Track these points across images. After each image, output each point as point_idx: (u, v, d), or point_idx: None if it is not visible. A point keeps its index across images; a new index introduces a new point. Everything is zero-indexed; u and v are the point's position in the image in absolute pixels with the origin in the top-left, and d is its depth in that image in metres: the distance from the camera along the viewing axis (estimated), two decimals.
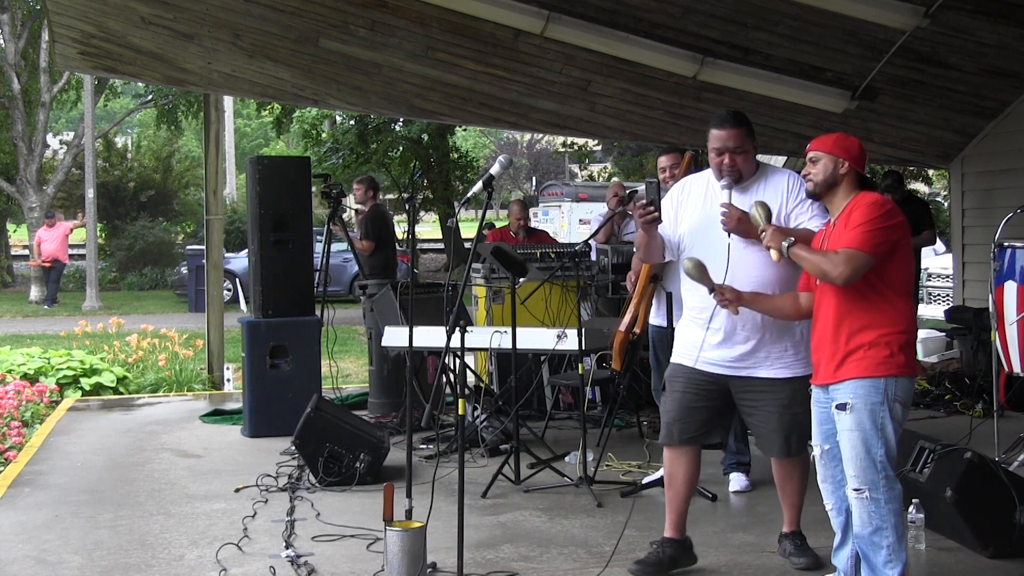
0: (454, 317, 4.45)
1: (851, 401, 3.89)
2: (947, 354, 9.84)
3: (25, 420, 8.07)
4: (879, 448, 3.86)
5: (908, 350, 3.91)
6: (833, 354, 3.95)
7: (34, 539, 5.20)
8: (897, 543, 3.88)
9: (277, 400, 7.45)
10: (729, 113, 4.53)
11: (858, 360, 3.89)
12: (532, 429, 7.20)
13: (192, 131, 33.84)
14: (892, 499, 3.87)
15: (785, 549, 4.66)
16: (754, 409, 4.45)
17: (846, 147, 4.04)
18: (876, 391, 3.86)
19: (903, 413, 3.92)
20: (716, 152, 4.43)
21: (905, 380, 3.90)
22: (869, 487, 3.87)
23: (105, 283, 24.17)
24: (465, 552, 4.37)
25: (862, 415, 3.87)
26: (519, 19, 7.38)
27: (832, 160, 4.02)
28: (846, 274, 3.82)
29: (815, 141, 4.12)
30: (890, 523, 3.87)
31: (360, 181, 9.46)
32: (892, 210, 3.93)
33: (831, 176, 4.02)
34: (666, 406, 4.56)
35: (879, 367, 3.86)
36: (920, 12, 7.14)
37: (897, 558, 3.87)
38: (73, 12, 7.64)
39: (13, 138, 23.21)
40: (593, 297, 8.24)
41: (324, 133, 24.37)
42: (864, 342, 3.88)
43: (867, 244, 3.82)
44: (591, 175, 38.97)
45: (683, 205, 4.56)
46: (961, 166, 9.64)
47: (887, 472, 3.87)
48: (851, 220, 3.90)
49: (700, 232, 4.44)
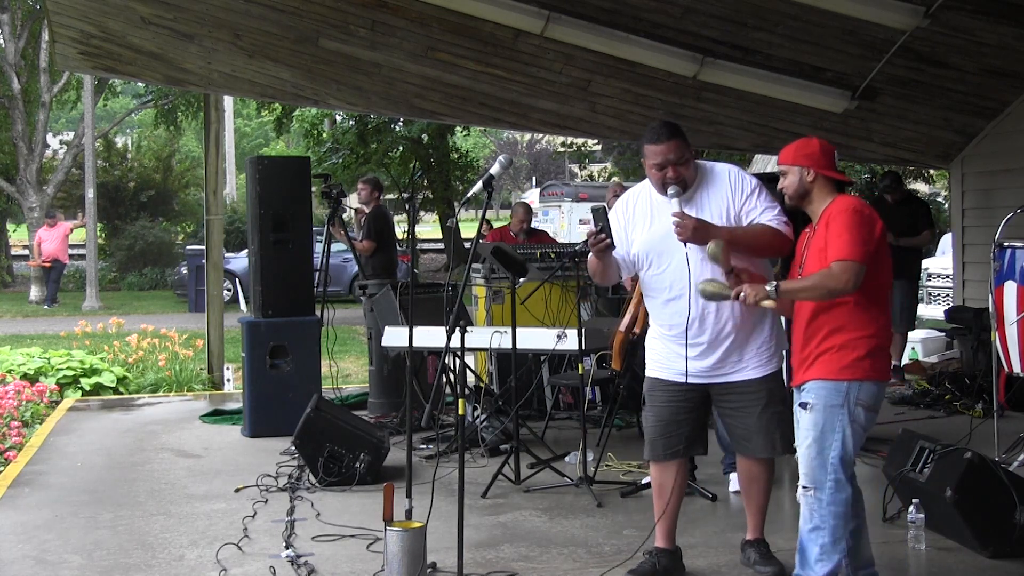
0: (454, 317, 4.45)
1: (812, 401, 3.93)
2: (947, 354, 9.85)
3: (25, 420, 8.07)
4: (832, 450, 3.89)
5: (878, 354, 3.92)
6: (804, 357, 4.00)
7: (34, 539, 5.20)
8: (832, 545, 3.91)
9: (277, 400, 7.45)
10: (662, 125, 4.35)
11: (824, 362, 3.93)
12: (532, 429, 7.20)
13: (192, 131, 33.83)
14: (836, 502, 3.90)
15: (749, 558, 4.59)
16: (735, 411, 4.42)
17: (807, 154, 4.03)
18: (837, 393, 3.89)
19: (866, 417, 3.93)
20: (657, 167, 4.29)
21: (870, 384, 3.91)
22: (816, 486, 3.92)
23: (105, 283, 24.16)
24: (465, 552, 4.36)
25: (820, 416, 3.90)
26: (519, 19, 7.38)
27: (798, 171, 4.02)
28: (851, 282, 3.82)
29: (781, 153, 4.10)
30: (828, 524, 3.91)
31: (365, 181, 9.48)
32: (869, 216, 3.92)
33: (801, 187, 4.02)
34: (648, 422, 4.53)
35: (843, 370, 3.89)
36: (920, 12, 7.15)
37: (828, 558, 3.91)
38: (73, 12, 7.64)
39: (13, 138, 23.21)
40: (593, 297, 8.24)
41: (324, 133, 24.37)
42: (833, 345, 3.91)
43: (857, 252, 3.83)
44: (591, 175, 38.99)
45: (631, 223, 4.44)
46: (961, 166, 9.64)
47: (837, 475, 3.89)
48: (832, 228, 3.89)
49: (656, 246, 4.34)
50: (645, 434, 4.56)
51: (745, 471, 4.58)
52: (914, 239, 9.21)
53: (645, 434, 4.56)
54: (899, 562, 4.71)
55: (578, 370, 6.39)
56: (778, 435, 4.38)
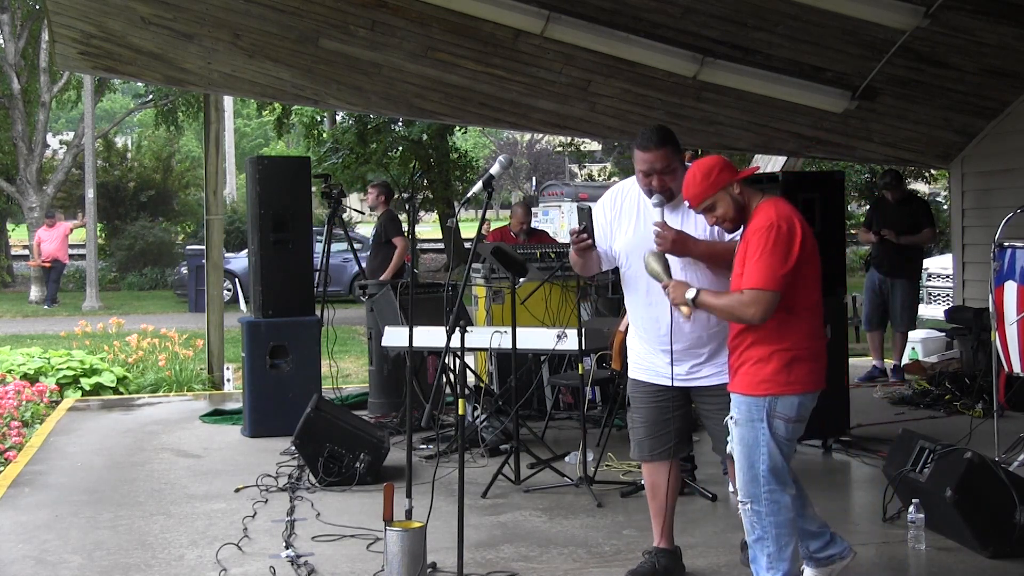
0: (454, 317, 4.45)
1: (736, 416, 3.98)
2: (947, 354, 9.84)
3: (25, 420, 8.07)
4: (761, 463, 3.92)
5: (796, 366, 3.89)
6: (731, 365, 4.03)
7: (34, 539, 5.20)
8: (777, 552, 3.94)
9: (277, 400, 7.45)
10: (654, 132, 4.31)
11: (743, 375, 3.96)
12: (532, 429, 7.20)
13: (192, 131, 33.82)
14: (773, 512, 3.93)
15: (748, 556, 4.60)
16: (715, 414, 4.39)
17: (719, 171, 3.95)
18: (757, 408, 3.91)
19: (788, 429, 3.92)
20: (644, 174, 4.28)
21: (788, 398, 3.90)
22: (751, 500, 3.95)
23: (105, 283, 24.16)
24: (465, 552, 4.37)
25: (744, 430, 3.95)
26: (519, 19, 7.38)
27: (725, 193, 3.95)
28: (759, 315, 3.82)
29: (690, 194, 3.99)
30: (771, 534, 3.94)
31: (375, 186, 9.64)
32: (788, 232, 3.83)
33: (736, 206, 3.96)
34: (634, 423, 4.54)
35: (759, 385, 3.91)
36: (920, 12, 7.14)
37: (776, 566, 3.95)
38: (73, 12, 7.64)
39: (13, 138, 23.21)
40: (593, 297, 8.24)
41: (324, 133, 24.35)
42: (750, 359, 3.93)
43: (769, 280, 3.79)
44: (591, 175, 38.97)
45: (616, 219, 4.44)
46: (961, 166, 9.64)
47: (770, 486, 3.92)
48: (750, 247, 3.85)
49: (637, 248, 4.32)
50: (632, 435, 4.56)
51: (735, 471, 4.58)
52: (915, 237, 9.22)
53: (632, 435, 4.56)
54: (899, 562, 4.72)
55: (578, 370, 6.39)
56: None
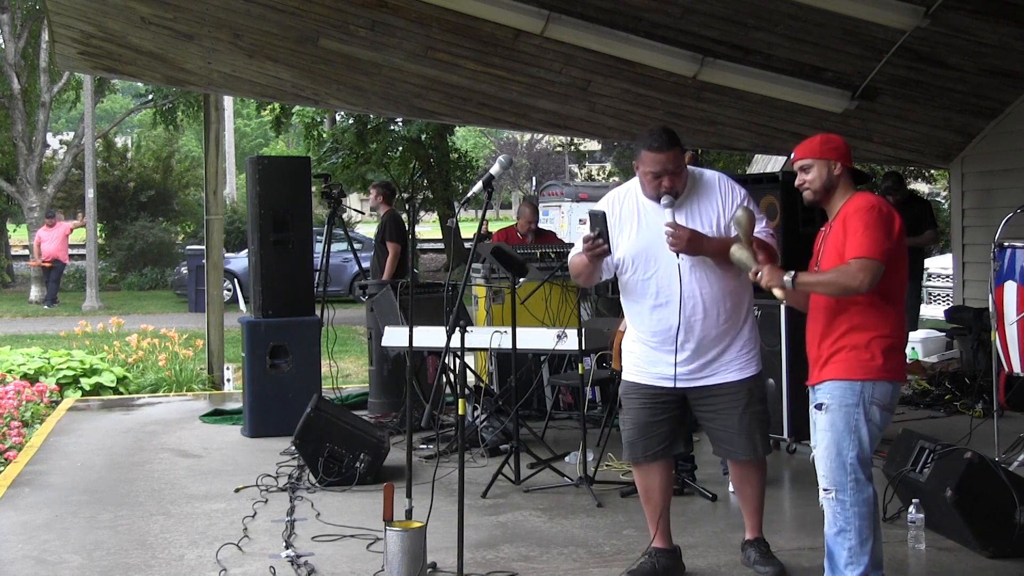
0: (454, 317, 4.45)
1: (827, 402, 3.91)
2: (947, 354, 9.83)
3: (25, 420, 8.07)
4: (850, 451, 3.87)
5: (892, 354, 3.90)
6: (819, 356, 3.98)
7: (34, 539, 5.20)
8: (859, 546, 3.87)
9: (277, 400, 7.45)
10: (663, 132, 4.29)
11: (839, 362, 3.91)
12: (532, 429, 7.20)
13: (192, 131, 33.83)
14: (858, 502, 3.87)
15: (749, 557, 4.59)
16: (715, 415, 4.42)
17: (834, 147, 4.00)
18: (852, 393, 3.87)
19: (882, 417, 3.91)
20: (653, 175, 4.25)
21: (885, 384, 3.89)
22: (837, 488, 3.89)
23: (105, 283, 24.16)
24: (465, 552, 4.37)
25: (836, 416, 3.88)
26: (519, 19, 7.38)
27: (824, 164, 3.98)
28: (867, 282, 3.78)
29: (800, 148, 4.06)
30: (854, 526, 3.87)
31: (376, 186, 9.59)
32: (888, 214, 3.91)
33: (827, 181, 3.98)
34: (625, 425, 4.53)
35: (857, 370, 3.87)
36: (920, 12, 7.14)
37: (858, 561, 3.88)
38: (73, 12, 7.64)
39: (13, 138, 23.21)
40: (593, 297, 8.24)
41: (324, 133, 24.35)
42: (847, 345, 3.90)
43: (875, 250, 3.80)
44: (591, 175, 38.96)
45: (616, 226, 4.38)
46: (961, 166, 9.64)
47: (857, 475, 3.87)
48: (850, 226, 3.87)
49: (642, 251, 4.31)
50: (623, 437, 4.56)
51: (735, 473, 4.60)
52: (917, 239, 9.21)
53: (623, 437, 4.56)
54: (899, 562, 4.71)
55: (578, 370, 6.39)
56: (758, 436, 4.40)
